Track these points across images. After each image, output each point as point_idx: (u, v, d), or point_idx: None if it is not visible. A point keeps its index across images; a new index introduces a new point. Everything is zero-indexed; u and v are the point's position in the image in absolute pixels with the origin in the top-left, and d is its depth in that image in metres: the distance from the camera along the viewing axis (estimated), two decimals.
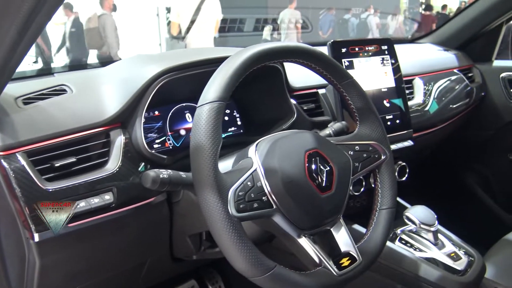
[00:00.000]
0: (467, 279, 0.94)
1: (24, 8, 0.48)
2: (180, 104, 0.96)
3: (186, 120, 0.97)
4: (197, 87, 0.91)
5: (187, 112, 0.98)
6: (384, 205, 0.81)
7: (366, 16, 10.70)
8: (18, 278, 0.76)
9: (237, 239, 0.61)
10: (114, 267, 0.89)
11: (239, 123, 1.06)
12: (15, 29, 0.51)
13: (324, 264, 0.69)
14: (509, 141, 1.62)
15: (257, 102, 1.04)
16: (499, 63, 1.63)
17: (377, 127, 0.84)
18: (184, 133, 0.96)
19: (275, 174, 0.68)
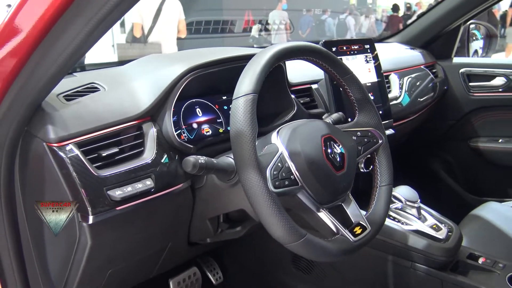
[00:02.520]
0: (449, 245, 1.09)
1: (105, 8, 0.55)
2: (190, 100, 1.05)
3: (197, 114, 1.05)
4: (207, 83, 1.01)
5: (197, 107, 1.06)
6: (383, 182, 0.94)
7: (345, 16, 11.36)
8: (64, 262, 0.82)
9: (277, 211, 0.71)
10: (144, 250, 0.96)
11: None
12: (89, 27, 0.58)
13: (342, 232, 0.81)
14: (468, 129, 1.82)
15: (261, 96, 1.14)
16: (458, 60, 1.82)
17: (374, 115, 0.96)
18: (196, 127, 1.04)
19: (299, 156, 0.79)
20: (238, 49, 1.12)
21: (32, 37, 0.59)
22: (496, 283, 1.02)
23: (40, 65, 0.63)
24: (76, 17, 0.57)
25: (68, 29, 0.58)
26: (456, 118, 1.82)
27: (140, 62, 1.06)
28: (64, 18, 0.56)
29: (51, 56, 0.62)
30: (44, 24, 0.57)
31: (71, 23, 0.57)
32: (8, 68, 0.63)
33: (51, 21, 0.56)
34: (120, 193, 0.76)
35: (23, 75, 0.64)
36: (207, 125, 1.04)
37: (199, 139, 0.98)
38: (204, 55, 1.01)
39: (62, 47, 0.61)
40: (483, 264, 1.09)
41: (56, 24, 0.57)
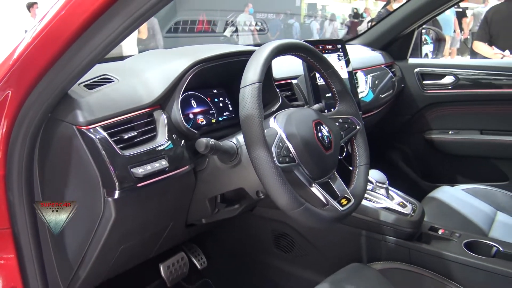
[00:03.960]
0: (414, 218, 1.25)
1: (147, 4, 0.65)
2: (186, 93, 1.14)
3: (192, 106, 1.16)
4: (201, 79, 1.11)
5: (192, 100, 1.16)
6: (362, 162, 1.08)
7: (310, 21, 11.98)
8: (83, 239, 0.90)
9: (282, 183, 0.82)
10: (153, 227, 1.05)
11: (231, 108, 1.26)
12: (129, 21, 0.67)
13: (331, 203, 0.93)
14: (423, 123, 2.03)
15: None
16: (413, 61, 2.03)
17: (352, 105, 1.11)
18: (192, 117, 1.14)
19: (296, 137, 0.91)
20: (234, 46, 1.23)
21: (76, 28, 0.67)
22: (454, 248, 1.18)
23: (77, 55, 0.72)
24: (121, 11, 0.65)
25: (110, 21, 0.67)
26: (412, 113, 2.03)
27: (145, 57, 1.15)
28: (110, 11, 0.65)
29: (89, 46, 0.70)
30: (90, 15, 0.65)
31: (114, 16, 0.66)
32: (47, 56, 0.71)
33: (97, 13, 0.65)
34: (142, 170, 0.86)
35: (60, 63, 0.72)
36: (201, 116, 1.15)
37: (195, 128, 1.08)
38: (206, 51, 1.11)
39: (101, 39, 0.70)
40: (442, 234, 1.25)
41: (101, 17, 0.65)
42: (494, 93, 1.85)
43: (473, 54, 4.48)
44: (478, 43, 3.31)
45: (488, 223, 1.47)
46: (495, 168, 1.92)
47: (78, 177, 0.85)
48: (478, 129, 1.93)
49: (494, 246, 1.18)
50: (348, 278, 1.08)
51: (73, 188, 0.87)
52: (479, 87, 1.87)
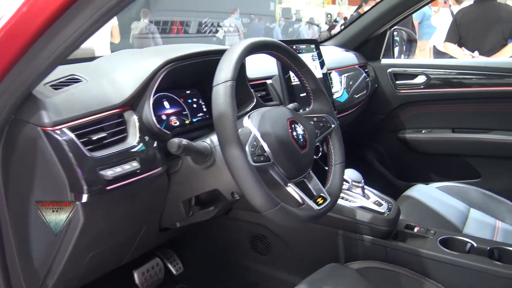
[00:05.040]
0: (390, 217, 1.25)
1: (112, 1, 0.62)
2: (158, 94, 1.12)
3: (164, 107, 1.13)
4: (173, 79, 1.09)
5: (165, 100, 1.14)
6: (337, 160, 1.07)
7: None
8: (50, 246, 0.86)
9: (257, 182, 0.80)
10: (125, 231, 1.01)
11: (205, 109, 1.24)
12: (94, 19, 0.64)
13: (307, 203, 0.92)
14: (396, 122, 2.05)
15: None
16: (386, 61, 2.05)
17: (327, 103, 1.10)
18: (164, 118, 1.11)
19: (270, 136, 0.89)
20: (208, 45, 1.21)
21: (39, 25, 0.64)
22: (430, 246, 1.19)
23: (41, 54, 0.68)
24: (85, 7, 0.63)
25: (75, 19, 0.64)
26: (385, 113, 2.05)
27: (116, 56, 1.12)
28: (74, 8, 0.62)
29: (53, 45, 0.67)
30: (54, 11, 0.62)
31: (79, 13, 0.63)
32: (9, 54, 0.67)
33: (61, 9, 0.62)
34: (112, 173, 0.82)
35: (23, 62, 0.68)
36: (174, 117, 1.12)
37: (168, 129, 1.05)
38: (178, 49, 1.09)
39: (65, 37, 0.67)
40: (418, 232, 1.26)
41: (65, 13, 0.62)
42: (465, 92, 1.89)
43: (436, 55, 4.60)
44: (448, 44, 3.39)
45: (462, 220, 1.49)
46: (467, 166, 1.96)
47: (44, 181, 0.81)
48: (450, 127, 1.96)
49: (468, 242, 1.20)
50: (326, 278, 1.07)
51: (39, 192, 0.83)
52: (450, 86, 1.91)
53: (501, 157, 1.87)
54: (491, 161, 1.90)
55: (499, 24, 3.17)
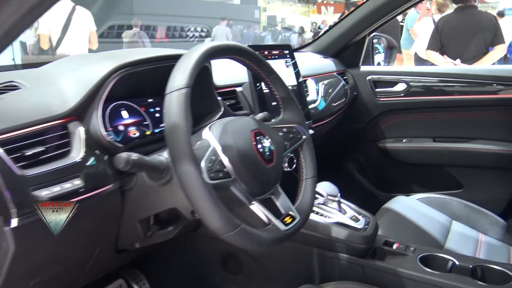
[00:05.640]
0: (367, 233, 1.18)
1: None
2: (116, 102, 1.02)
3: (122, 117, 1.04)
4: (133, 85, 1.00)
5: (123, 110, 1.04)
6: (309, 175, 0.99)
7: None
8: None
9: (212, 202, 0.72)
10: (71, 256, 0.91)
11: None
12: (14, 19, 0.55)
13: (273, 223, 0.84)
14: (377, 131, 1.98)
15: None
16: (365, 68, 1.99)
17: (298, 113, 1.02)
18: (122, 129, 1.02)
19: (231, 150, 0.81)
20: (167, 50, 1.12)
21: None
22: (409, 264, 1.12)
23: None
24: None
25: None
26: (365, 121, 1.98)
27: (64, 61, 1.02)
28: None
29: None
30: None
31: None
32: None
33: None
34: (48, 193, 0.73)
35: None
36: (134, 128, 1.03)
37: (126, 141, 0.96)
38: (132, 54, 1.00)
39: None
40: (397, 249, 1.19)
41: None
42: (446, 100, 1.84)
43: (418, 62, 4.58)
44: (430, 52, 3.37)
45: (444, 233, 1.43)
46: (449, 176, 1.90)
47: None
48: (431, 136, 1.90)
49: (450, 260, 1.13)
50: None
51: None
52: (431, 94, 1.85)
53: (483, 167, 1.82)
54: (473, 171, 1.84)
55: (480, 32, 3.16)
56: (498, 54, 3.22)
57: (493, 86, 1.76)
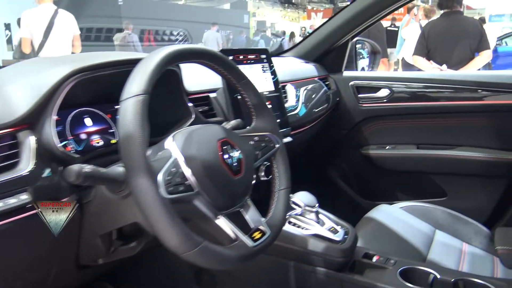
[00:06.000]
0: (345, 246, 1.13)
1: None
2: (79, 109, 0.96)
3: (85, 124, 0.98)
4: (95, 91, 0.94)
5: (86, 117, 0.98)
6: (282, 186, 0.94)
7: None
8: None
9: (169, 218, 0.66)
10: (25, 276, 0.84)
11: None
12: None
13: (240, 238, 0.78)
14: (360, 138, 1.94)
15: (156, 105, 1.09)
16: (348, 73, 1.94)
17: (271, 120, 0.97)
18: (84, 137, 0.96)
19: (195, 161, 0.76)
20: (131, 53, 1.06)
21: None
22: (388, 278, 1.07)
23: None
24: None
25: None
26: (348, 128, 1.94)
27: (17, 66, 0.96)
28: None
29: None
30: None
31: None
32: None
33: None
34: None
35: None
36: (97, 136, 0.97)
37: (88, 150, 0.90)
38: (91, 58, 0.94)
39: None
40: (377, 262, 1.14)
41: None
42: (429, 106, 1.80)
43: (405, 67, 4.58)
44: (416, 57, 3.36)
45: (427, 243, 1.38)
46: (433, 184, 1.86)
47: None
48: (415, 143, 1.86)
49: (431, 273, 1.08)
50: None
51: None
52: (414, 100, 1.81)
53: (468, 175, 1.78)
54: (457, 179, 1.81)
55: (466, 38, 3.16)
56: (483, 59, 3.21)
57: (477, 92, 1.73)
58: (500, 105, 1.71)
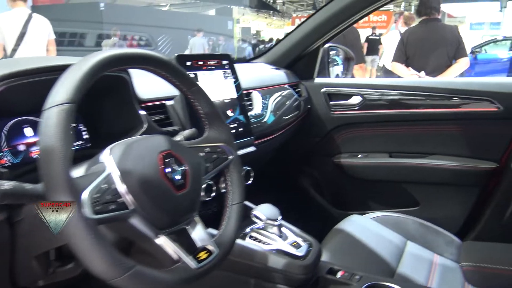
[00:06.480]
0: (307, 262, 1.07)
1: None
2: (17, 118, 0.90)
3: (24, 135, 0.91)
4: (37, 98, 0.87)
5: (26, 126, 0.92)
6: (235, 200, 0.88)
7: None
8: None
9: (93, 241, 0.60)
10: None
11: (85, 136, 1.03)
12: None
13: (183, 260, 0.72)
14: (332, 146, 1.89)
15: (105, 114, 1.03)
16: (320, 80, 1.89)
17: (224, 130, 0.91)
18: (23, 149, 0.89)
19: (131, 176, 0.69)
20: (71, 58, 1.00)
21: None
22: None
23: None
24: None
25: None
26: (320, 135, 1.89)
27: None
28: None
29: None
30: None
31: None
32: None
33: None
34: None
35: None
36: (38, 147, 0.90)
37: (26, 162, 0.84)
38: (22, 63, 0.87)
39: None
40: (341, 277, 1.09)
41: None
42: (402, 114, 1.76)
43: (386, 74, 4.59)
44: (395, 64, 3.35)
45: (397, 255, 1.34)
46: (405, 193, 1.82)
47: None
48: (388, 151, 1.82)
49: None
50: None
51: None
52: (386, 107, 1.77)
53: (440, 184, 1.75)
54: (430, 188, 1.77)
55: (444, 45, 3.16)
56: (461, 67, 3.21)
57: (450, 99, 1.70)
58: (472, 112, 1.68)
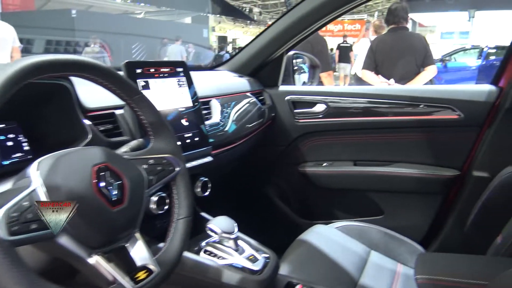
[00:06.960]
0: (263, 277, 1.03)
1: None
2: None
3: None
4: None
5: None
6: (181, 215, 0.84)
7: None
8: None
9: (9, 265, 0.54)
10: None
11: (26, 148, 0.96)
12: None
13: (118, 281, 0.67)
14: (297, 155, 1.86)
15: (46, 124, 0.97)
16: (284, 88, 1.86)
17: (171, 140, 0.87)
18: None
19: (59, 191, 0.64)
20: None
21: None
22: None
23: None
24: None
25: None
26: (285, 144, 1.86)
27: None
28: None
29: None
30: None
31: None
32: None
33: None
34: None
35: None
36: None
37: None
38: None
39: None
40: None
41: None
42: (366, 122, 1.75)
43: (357, 81, 4.63)
44: (365, 72, 3.38)
45: (360, 266, 1.32)
46: (370, 202, 1.80)
47: None
48: (352, 160, 1.81)
49: None
50: None
51: None
52: (350, 115, 1.76)
53: (404, 192, 1.74)
54: (394, 196, 1.76)
55: (412, 53, 3.21)
56: (429, 74, 3.26)
57: (414, 108, 1.70)
58: (435, 120, 1.68)
